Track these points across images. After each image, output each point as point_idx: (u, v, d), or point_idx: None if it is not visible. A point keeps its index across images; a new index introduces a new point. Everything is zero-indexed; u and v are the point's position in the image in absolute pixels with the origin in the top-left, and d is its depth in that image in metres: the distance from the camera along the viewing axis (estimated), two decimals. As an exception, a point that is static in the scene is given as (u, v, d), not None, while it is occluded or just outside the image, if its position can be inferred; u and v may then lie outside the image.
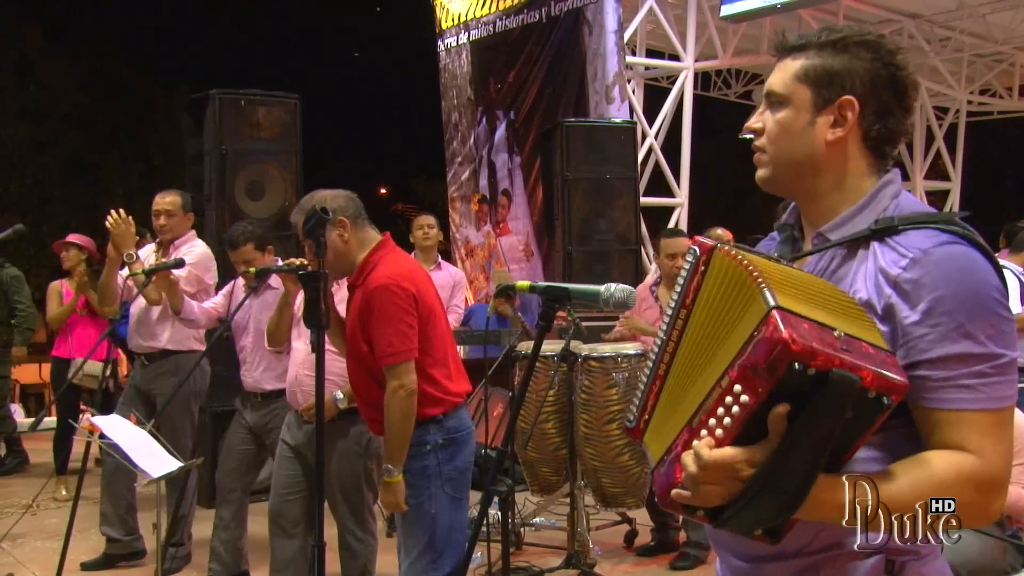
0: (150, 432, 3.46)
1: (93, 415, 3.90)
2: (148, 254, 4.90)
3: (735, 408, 1.26)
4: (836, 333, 1.25)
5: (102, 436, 3.37)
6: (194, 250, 4.71)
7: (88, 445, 4.14)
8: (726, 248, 1.40)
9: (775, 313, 1.24)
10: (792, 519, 1.31)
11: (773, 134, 1.52)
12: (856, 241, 1.44)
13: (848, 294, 1.38)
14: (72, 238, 6.46)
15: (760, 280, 1.29)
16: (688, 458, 1.29)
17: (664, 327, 1.48)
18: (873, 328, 1.32)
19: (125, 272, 4.55)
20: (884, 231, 1.40)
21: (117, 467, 4.45)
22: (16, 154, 17.89)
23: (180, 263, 4.31)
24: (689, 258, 1.45)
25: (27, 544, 5.11)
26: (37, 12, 18.24)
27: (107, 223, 4.39)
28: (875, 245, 1.40)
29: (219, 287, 4.77)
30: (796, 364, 1.21)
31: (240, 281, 4.33)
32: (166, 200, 4.81)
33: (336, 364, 3.57)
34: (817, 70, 1.47)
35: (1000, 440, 1.33)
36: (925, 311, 1.32)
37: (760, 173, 1.55)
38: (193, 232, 4.91)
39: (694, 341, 1.42)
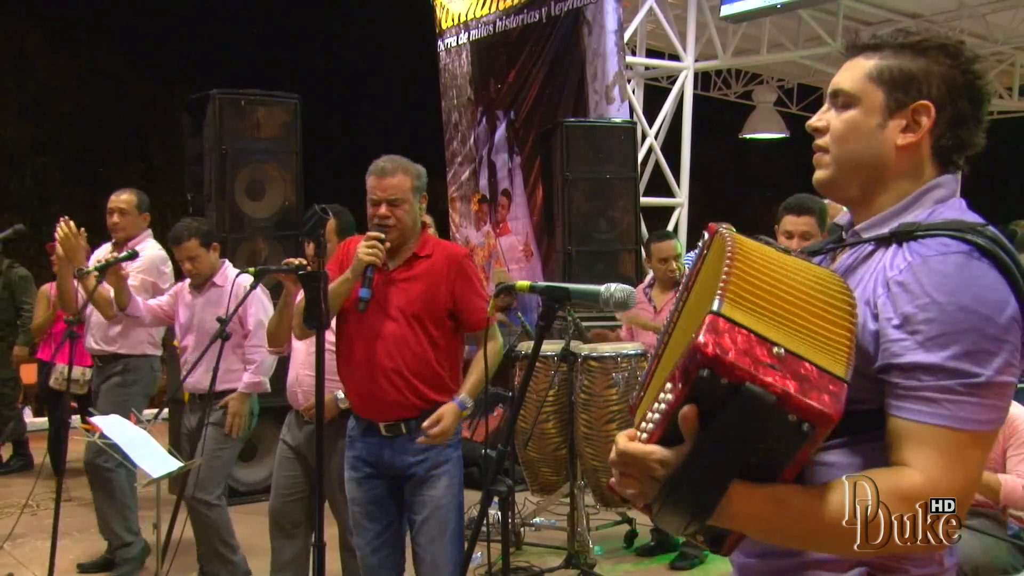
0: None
1: (92, 415, 3.90)
2: (104, 254, 4.89)
3: (662, 405, 1.25)
4: (776, 350, 1.20)
5: (102, 436, 3.36)
6: (145, 252, 4.63)
7: (52, 447, 4.14)
8: (725, 232, 1.39)
9: (708, 318, 1.21)
10: (733, 531, 1.31)
11: (839, 134, 1.45)
12: (880, 241, 1.40)
13: (843, 290, 1.34)
14: None
15: (725, 276, 1.26)
16: (613, 452, 1.32)
17: (672, 309, 1.50)
18: (841, 348, 1.25)
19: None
20: (903, 235, 1.35)
21: (101, 474, 4.54)
22: (16, 154, 17.89)
23: (133, 255, 4.30)
24: (700, 243, 1.48)
25: (27, 544, 5.12)
26: (37, 12, 18.23)
27: (56, 234, 4.25)
28: (893, 247, 1.36)
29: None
30: (705, 371, 1.18)
31: (187, 283, 4.36)
32: (121, 198, 4.81)
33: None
34: (893, 71, 1.41)
35: (954, 463, 1.25)
36: (905, 316, 1.28)
37: (819, 174, 1.49)
38: (148, 232, 4.87)
39: (683, 322, 1.42)
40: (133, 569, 4.69)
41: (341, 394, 3.62)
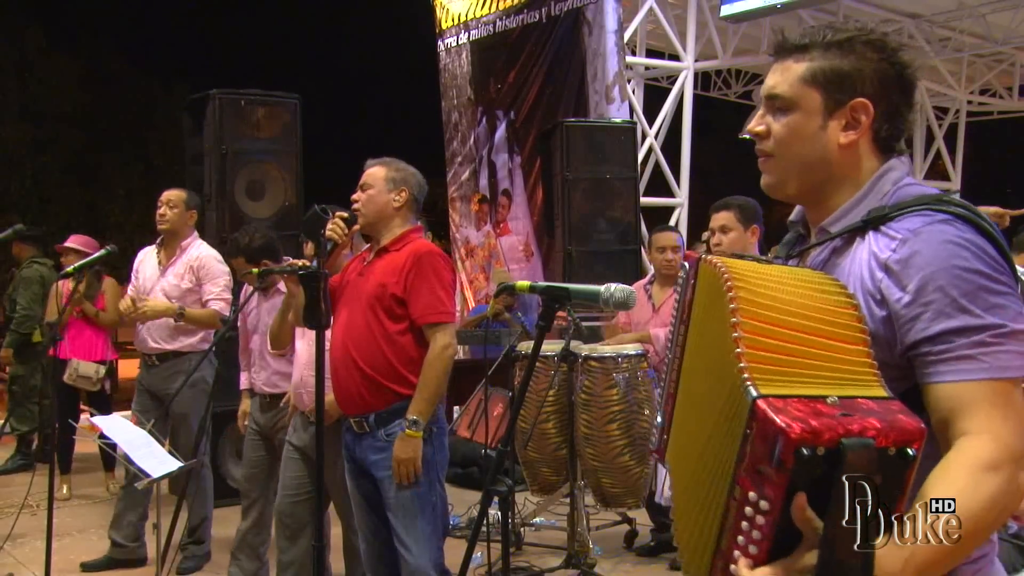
0: (150, 432, 3.46)
1: (93, 415, 3.91)
2: (147, 254, 4.92)
3: (759, 518, 1.16)
4: (829, 400, 1.17)
5: (102, 436, 3.36)
6: (205, 262, 4.75)
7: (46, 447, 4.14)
8: (709, 258, 1.38)
9: (760, 404, 1.16)
10: None
11: (782, 138, 1.48)
12: (853, 232, 1.42)
13: (839, 289, 1.34)
14: (72, 242, 6.42)
15: (737, 343, 1.22)
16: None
17: (670, 347, 1.48)
18: (868, 370, 1.24)
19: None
20: (877, 220, 1.38)
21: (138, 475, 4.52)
22: (16, 154, 17.87)
23: (109, 253, 4.30)
24: (682, 274, 1.46)
25: (27, 544, 5.11)
26: (37, 12, 18.26)
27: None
28: (870, 233, 1.38)
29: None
30: (803, 450, 1.12)
31: (247, 288, 4.36)
32: (171, 192, 4.86)
33: None
34: (826, 72, 1.44)
35: (1008, 414, 1.26)
36: (916, 290, 1.29)
37: (767, 180, 1.52)
38: (195, 233, 4.91)
39: (694, 355, 1.41)
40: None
41: None
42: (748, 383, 1.18)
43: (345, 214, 3.09)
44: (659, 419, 1.50)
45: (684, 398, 1.42)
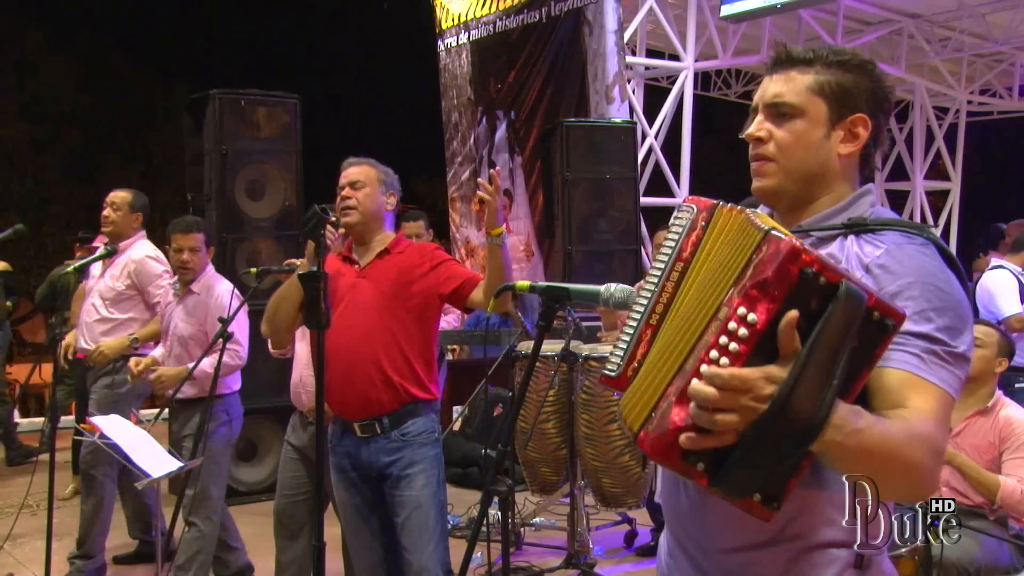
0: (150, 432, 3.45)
1: (92, 415, 3.90)
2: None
3: (742, 331, 1.20)
4: (839, 266, 1.27)
5: (102, 436, 3.36)
6: (132, 253, 4.70)
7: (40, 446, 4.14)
8: (730, 205, 1.40)
9: (774, 232, 1.22)
10: (790, 483, 1.24)
11: (786, 144, 1.52)
12: (831, 233, 1.50)
13: None
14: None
15: (764, 222, 1.28)
16: (700, 385, 1.19)
17: (656, 277, 1.46)
18: None
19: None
20: (856, 227, 1.46)
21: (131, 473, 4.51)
22: (16, 154, 17.87)
23: (112, 252, 4.40)
24: (683, 214, 1.45)
25: (27, 544, 5.11)
26: (37, 12, 18.23)
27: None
28: (852, 238, 1.46)
29: None
30: (808, 270, 1.18)
31: (169, 286, 4.39)
32: (116, 194, 4.83)
33: None
34: (832, 86, 1.51)
35: (941, 422, 1.33)
36: (893, 293, 1.36)
37: (765, 183, 1.55)
38: (141, 232, 4.86)
39: (695, 293, 1.38)
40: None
41: None
42: (767, 224, 1.25)
43: (332, 218, 3.04)
44: (621, 348, 1.48)
45: (673, 330, 1.39)
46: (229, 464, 4.41)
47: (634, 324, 1.48)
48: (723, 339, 1.21)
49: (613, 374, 1.48)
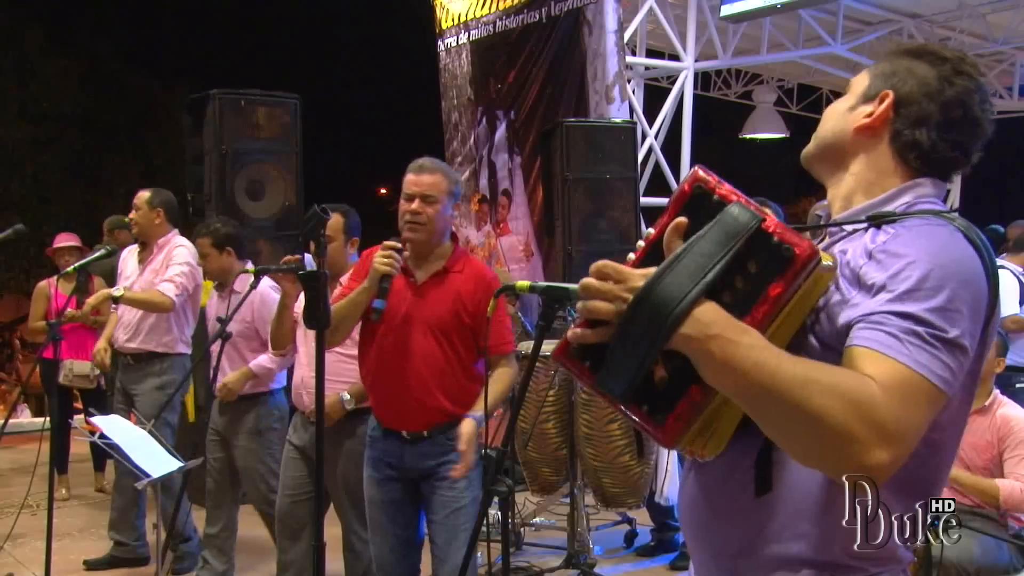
0: (150, 432, 3.46)
1: (92, 414, 3.90)
2: (130, 253, 4.96)
3: (639, 243, 1.33)
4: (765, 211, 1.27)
5: (102, 436, 3.36)
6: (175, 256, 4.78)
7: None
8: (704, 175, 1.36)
9: (696, 167, 1.31)
10: (678, 405, 1.23)
11: (824, 115, 1.56)
12: (858, 229, 1.43)
13: None
14: (65, 240, 6.44)
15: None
16: (585, 279, 1.27)
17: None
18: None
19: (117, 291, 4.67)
20: (878, 219, 1.39)
21: (128, 473, 4.49)
22: (16, 154, 17.86)
23: (109, 253, 4.48)
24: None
25: (27, 544, 5.11)
26: (37, 12, 18.22)
27: None
28: (871, 230, 1.39)
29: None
30: (701, 186, 1.27)
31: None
32: (138, 194, 4.96)
33: (343, 366, 3.58)
34: (886, 66, 1.50)
35: (903, 402, 1.19)
36: (891, 275, 1.28)
37: (806, 148, 1.57)
38: (174, 231, 4.97)
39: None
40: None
41: (347, 395, 3.61)
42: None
43: (398, 244, 3.02)
44: None
45: None
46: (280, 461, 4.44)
47: None
48: (629, 256, 1.31)
49: None
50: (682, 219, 1.25)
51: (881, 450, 1.15)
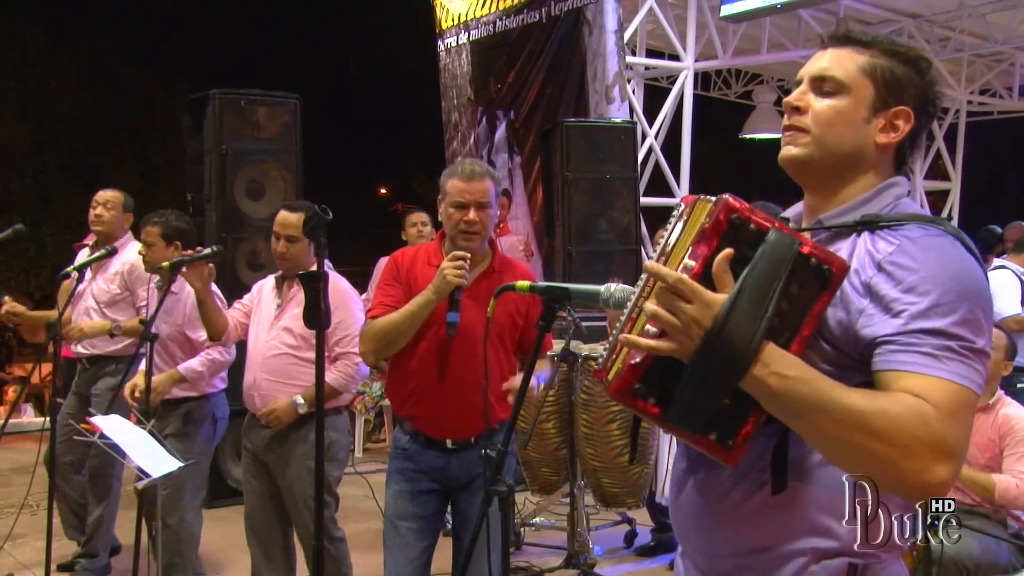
0: (150, 432, 3.45)
1: (92, 414, 3.90)
2: (85, 254, 4.92)
3: (690, 262, 1.34)
4: (790, 226, 1.34)
5: (102, 436, 3.36)
6: (124, 255, 4.67)
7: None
8: (706, 197, 1.42)
9: (725, 196, 1.33)
10: (742, 431, 1.32)
11: (825, 118, 1.49)
12: (843, 229, 1.46)
13: None
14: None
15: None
16: (650, 303, 1.33)
17: (644, 276, 1.49)
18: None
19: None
20: (869, 224, 1.42)
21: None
22: (16, 154, 17.87)
23: (112, 251, 4.42)
24: (676, 213, 1.48)
25: (27, 544, 5.11)
26: (37, 12, 18.24)
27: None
28: (865, 234, 1.42)
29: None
30: (736, 217, 1.30)
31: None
32: (106, 194, 4.83)
33: (297, 368, 3.56)
34: (885, 71, 1.48)
35: (954, 415, 1.27)
36: (907, 289, 1.32)
37: (794, 152, 1.52)
38: (129, 234, 4.85)
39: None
40: None
41: (300, 399, 3.58)
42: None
43: (466, 254, 2.91)
44: (611, 341, 1.53)
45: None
46: (208, 465, 4.37)
47: (622, 320, 1.51)
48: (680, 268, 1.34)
49: (598, 367, 1.53)
50: (729, 250, 1.30)
51: (942, 466, 1.23)
